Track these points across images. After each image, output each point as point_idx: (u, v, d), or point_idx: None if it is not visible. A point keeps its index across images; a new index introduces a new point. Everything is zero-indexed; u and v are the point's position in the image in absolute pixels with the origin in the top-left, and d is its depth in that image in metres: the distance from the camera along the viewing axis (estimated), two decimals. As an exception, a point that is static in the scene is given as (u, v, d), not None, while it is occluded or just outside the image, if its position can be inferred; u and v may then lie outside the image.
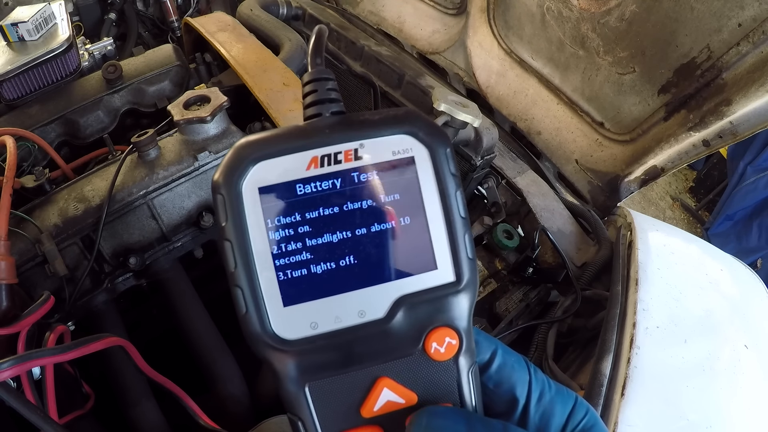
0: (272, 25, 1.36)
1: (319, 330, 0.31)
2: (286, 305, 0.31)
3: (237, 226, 0.30)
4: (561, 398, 0.37)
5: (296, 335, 0.31)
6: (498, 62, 1.57)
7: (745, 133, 1.03)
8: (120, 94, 1.15)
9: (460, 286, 0.33)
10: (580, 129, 1.40)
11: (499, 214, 1.22)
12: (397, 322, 0.32)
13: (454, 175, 0.33)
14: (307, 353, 0.31)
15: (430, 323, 0.32)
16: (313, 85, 0.35)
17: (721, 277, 1.03)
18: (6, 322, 0.66)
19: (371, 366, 0.32)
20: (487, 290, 1.14)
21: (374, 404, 0.32)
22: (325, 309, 0.31)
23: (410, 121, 0.33)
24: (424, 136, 0.33)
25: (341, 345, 0.31)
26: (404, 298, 0.32)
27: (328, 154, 0.32)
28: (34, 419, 0.57)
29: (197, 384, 0.86)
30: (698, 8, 1.01)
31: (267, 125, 1.02)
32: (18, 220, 0.82)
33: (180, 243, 0.97)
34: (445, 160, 0.33)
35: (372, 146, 0.32)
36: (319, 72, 0.35)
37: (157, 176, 0.89)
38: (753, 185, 3.26)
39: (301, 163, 0.31)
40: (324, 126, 0.33)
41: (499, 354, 0.37)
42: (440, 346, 0.32)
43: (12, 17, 1.12)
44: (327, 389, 0.32)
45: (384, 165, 0.32)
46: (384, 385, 0.32)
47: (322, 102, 0.35)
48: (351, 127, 0.33)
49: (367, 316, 0.31)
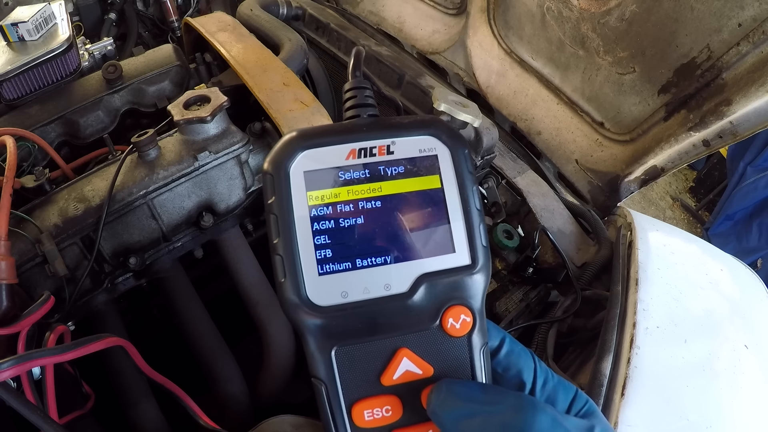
0: (272, 25, 1.36)
1: (349, 299, 0.34)
2: (321, 274, 0.34)
3: (283, 203, 0.34)
4: (563, 387, 0.39)
5: (328, 302, 0.34)
6: (498, 62, 1.57)
7: (745, 133, 1.03)
8: (120, 94, 1.15)
9: (475, 269, 0.36)
10: (580, 129, 1.40)
11: (499, 214, 1.22)
12: (418, 298, 0.35)
13: (470, 173, 0.38)
14: (337, 319, 0.34)
15: (448, 301, 0.36)
16: (353, 92, 0.41)
17: (721, 277, 1.03)
18: (6, 322, 0.66)
19: (393, 336, 0.35)
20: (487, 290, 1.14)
21: (394, 373, 0.35)
22: (355, 280, 0.35)
23: (435, 126, 0.38)
24: (446, 138, 0.38)
25: (368, 314, 0.35)
26: (425, 276, 0.35)
27: (365, 148, 0.36)
28: (34, 419, 0.57)
29: (197, 384, 0.87)
30: (698, 8, 1.01)
31: (267, 125, 1.02)
32: (18, 220, 0.82)
33: (180, 243, 0.97)
34: (463, 159, 0.38)
35: (402, 144, 0.37)
36: (358, 82, 0.42)
37: (157, 176, 0.89)
38: (753, 185, 3.26)
39: (342, 153, 0.36)
40: (362, 125, 0.38)
41: (507, 341, 0.40)
42: (456, 323, 0.36)
43: (12, 17, 1.12)
44: (352, 355, 0.35)
45: (412, 160, 0.37)
46: (404, 355, 0.35)
47: (360, 106, 0.41)
48: (384, 127, 0.38)
49: (392, 289, 0.35)
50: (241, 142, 0.95)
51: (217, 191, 0.96)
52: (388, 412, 0.35)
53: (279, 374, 0.94)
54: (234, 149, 0.95)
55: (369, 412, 0.34)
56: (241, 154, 0.96)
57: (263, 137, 1.02)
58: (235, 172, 0.96)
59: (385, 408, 0.35)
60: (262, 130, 1.02)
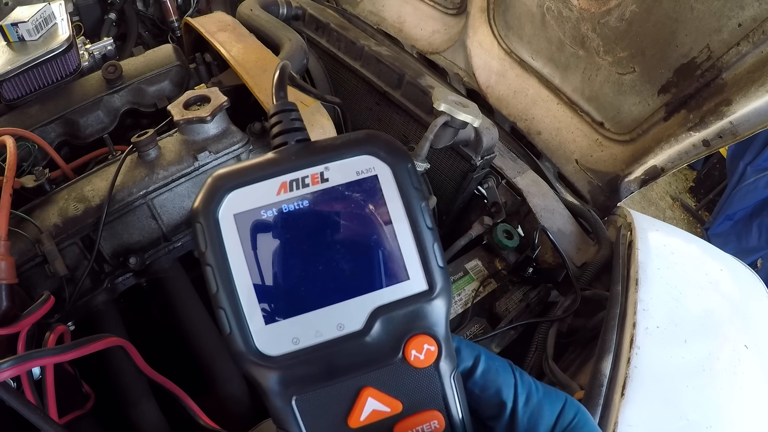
0: (272, 25, 1.36)
1: (301, 345, 0.32)
2: (268, 323, 0.32)
3: (216, 252, 0.32)
4: (549, 400, 0.38)
5: (279, 351, 0.32)
6: (498, 62, 1.57)
7: (745, 133, 1.03)
8: (120, 94, 1.15)
9: (433, 294, 0.34)
10: (580, 129, 1.40)
11: (499, 214, 1.22)
12: (376, 333, 0.33)
13: (417, 188, 0.34)
14: (291, 368, 0.32)
15: (408, 332, 0.33)
16: (278, 117, 0.38)
17: (721, 277, 1.03)
18: (6, 322, 0.66)
19: (354, 377, 0.33)
20: (487, 290, 1.14)
21: (360, 414, 0.33)
22: (305, 324, 0.32)
23: (371, 142, 0.35)
24: (385, 154, 0.35)
25: (323, 358, 0.32)
26: (380, 309, 0.33)
27: (296, 179, 0.33)
28: (34, 419, 0.57)
29: (197, 384, 0.86)
30: (698, 8, 1.01)
31: (267, 125, 1.02)
32: (18, 220, 0.82)
33: (180, 243, 0.97)
34: (407, 175, 0.34)
35: (337, 168, 0.34)
36: (283, 105, 0.38)
37: (157, 176, 0.89)
38: (753, 185, 3.26)
39: (272, 189, 0.33)
40: (291, 153, 0.35)
41: (482, 360, 0.38)
42: (420, 353, 0.33)
43: (12, 17, 1.12)
44: (313, 402, 0.33)
45: (349, 185, 0.34)
46: (368, 394, 0.33)
47: (287, 132, 0.37)
48: (316, 153, 0.35)
49: (345, 328, 0.33)
50: (241, 142, 0.95)
51: (217, 191, 0.95)
52: None
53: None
54: (234, 149, 0.95)
55: None
56: (241, 154, 0.96)
57: (263, 137, 1.02)
58: (235, 172, 0.96)
59: None
60: (262, 130, 1.02)
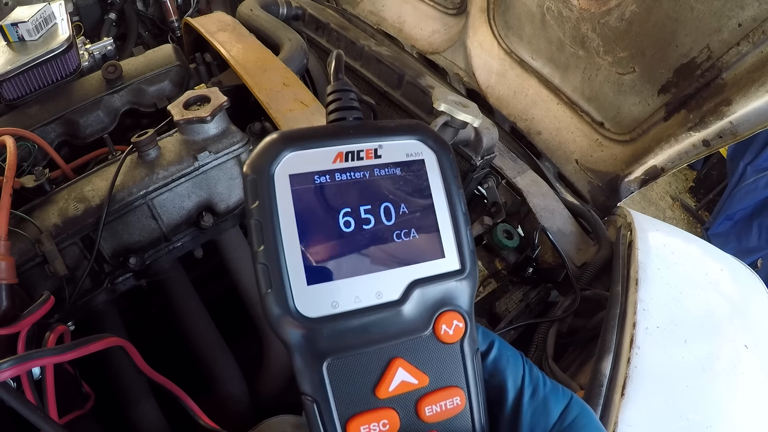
0: (272, 25, 1.36)
1: (340, 309, 0.32)
2: (310, 284, 0.32)
3: (266, 207, 0.32)
4: (555, 396, 0.39)
5: (318, 313, 0.32)
6: (498, 62, 1.57)
7: (745, 133, 1.03)
8: (120, 94, 1.15)
9: (465, 274, 0.36)
10: (580, 129, 1.40)
11: (499, 214, 1.22)
12: (411, 305, 0.34)
13: (456, 177, 0.38)
14: (328, 331, 0.32)
15: (440, 306, 0.35)
16: (337, 95, 0.40)
17: (721, 277, 1.03)
18: (6, 322, 0.66)
19: (386, 346, 0.34)
20: (487, 290, 1.14)
21: (389, 384, 0.33)
22: (346, 289, 0.33)
23: (420, 131, 0.38)
24: (432, 143, 0.37)
25: (360, 324, 0.33)
26: (417, 282, 0.34)
27: (352, 151, 0.35)
28: (34, 419, 0.57)
29: (197, 384, 0.86)
30: (698, 8, 1.01)
31: (267, 125, 1.02)
32: (18, 220, 0.82)
33: (180, 243, 0.97)
34: (449, 164, 0.37)
35: (389, 147, 0.36)
36: (341, 84, 0.41)
37: (157, 176, 0.89)
38: (753, 185, 3.26)
39: (328, 156, 0.35)
40: (348, 127, 0.37)
41: (495, 346, 0.39)
42: (449, 329, 0.35)
43: (12, 17, 1.12)
44: (344, 368, 0.33)
45: (399, 164, 0.36)
46: (399, 365, 0.34)
47: (345, 108, 0.39)
48: (372, 130, 0.37)
49: (383, 297, 0.34)
50: (241, 142, 0.95)
51: (217, 191, 0.96)
52: (385, 426, 0.33)
53: (279, 374, 0.94)
54: (234, 149, 0.95)
55: (366, 428, 0.33)
56: (241, 154, 0.96)
57: (263, 137, 1.01)
58: (235, 172, 0.96)
59: (381, 422, 0.33)
60: (262, 130, 1.02)
